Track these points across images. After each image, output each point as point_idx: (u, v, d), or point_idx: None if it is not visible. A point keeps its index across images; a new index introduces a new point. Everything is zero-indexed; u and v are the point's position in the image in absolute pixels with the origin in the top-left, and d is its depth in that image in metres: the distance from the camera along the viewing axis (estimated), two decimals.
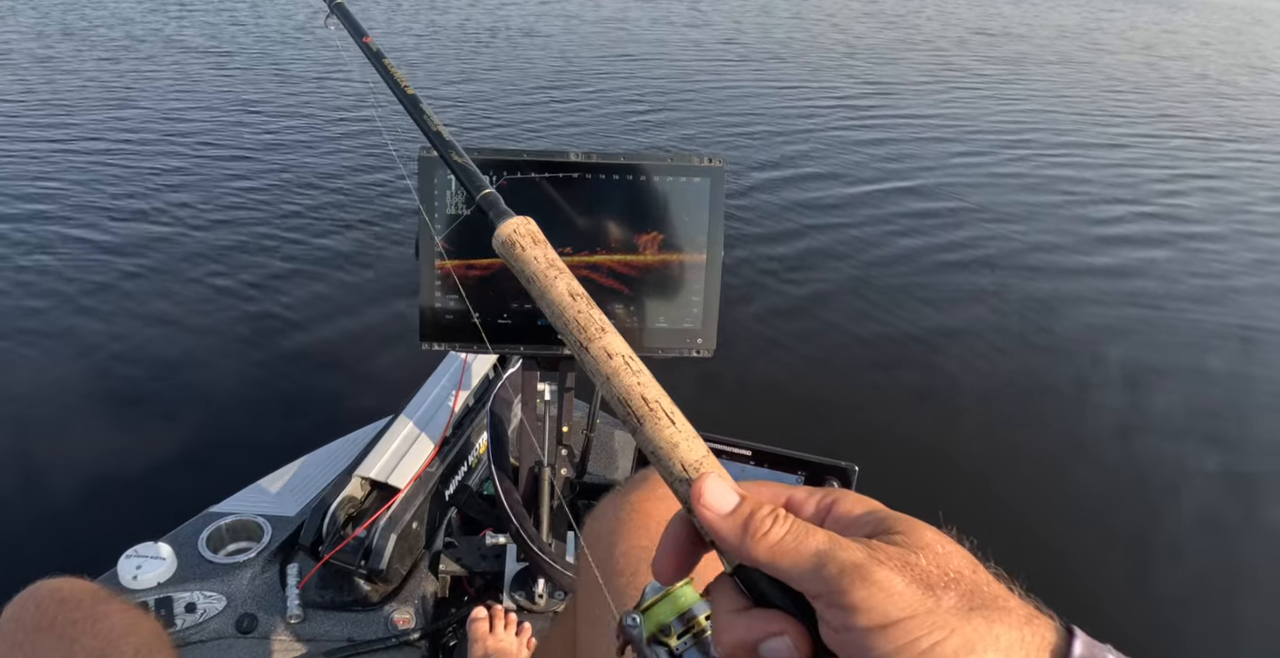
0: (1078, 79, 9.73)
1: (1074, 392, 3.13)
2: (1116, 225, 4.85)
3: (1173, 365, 3.37)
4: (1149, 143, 6.84)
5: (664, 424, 0.42)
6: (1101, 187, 5.53)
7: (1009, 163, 5.94)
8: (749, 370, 2.95)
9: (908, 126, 6.75)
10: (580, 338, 0.45)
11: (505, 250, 0.50)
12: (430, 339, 1.27)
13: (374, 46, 0.91)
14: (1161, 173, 5.98)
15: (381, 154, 5.08)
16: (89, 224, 3.89)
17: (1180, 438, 2.93)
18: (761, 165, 5.37)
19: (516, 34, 9.98)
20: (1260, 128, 7.85)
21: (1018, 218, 4.80)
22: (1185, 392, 3.20)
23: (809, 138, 6.17)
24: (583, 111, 6.44)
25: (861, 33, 12.27)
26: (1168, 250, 4.51)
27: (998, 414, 2.95)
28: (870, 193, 5.00)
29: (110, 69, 6.90)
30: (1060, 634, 0.34)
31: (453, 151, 0.64)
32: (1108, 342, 3.50)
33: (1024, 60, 10.83)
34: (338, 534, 1.51)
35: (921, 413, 2.91)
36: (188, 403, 2.69)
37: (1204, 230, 4.87)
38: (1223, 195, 5.60)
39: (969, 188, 5.29)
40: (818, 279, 3.81)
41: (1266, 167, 6.47)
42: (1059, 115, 7.62)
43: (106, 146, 5.00)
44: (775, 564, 0.37)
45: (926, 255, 4.15)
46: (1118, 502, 2.58)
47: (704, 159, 1.24)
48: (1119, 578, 2.28)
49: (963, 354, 3.30)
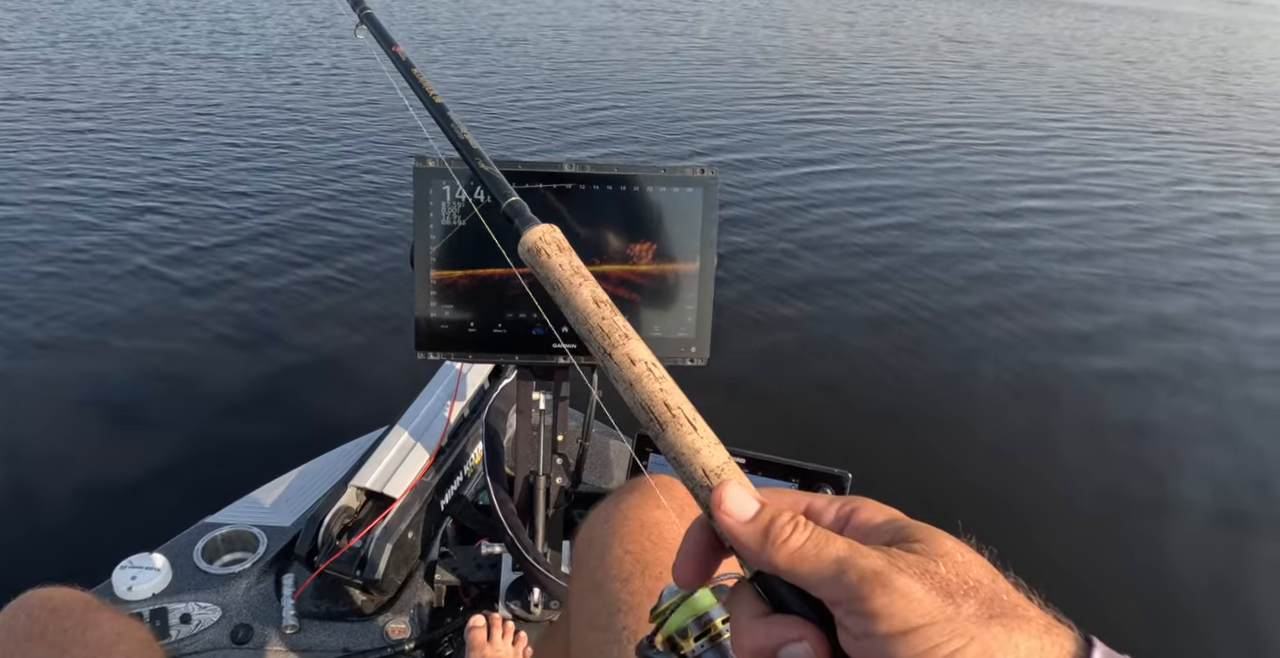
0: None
1: (1073, 397, 3.14)
2: (1123, 226, 4.89)
3: (1172, 366, 3.38)
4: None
5: (686, 430, 0.42)
6: (1131, 193, 5.59)
7: (1008, 167, 5.98)
8: (741, 378, 2.96)
9: (904, 138, 6.79)
10: (604, 344, 0.45)
11: (531, 257, 0.51)
12: (425, 349, 1.28)
13: (403, 56, 0.91)
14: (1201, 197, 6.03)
15: (377, 164, 5.09)
16: (77, 236, 3.88)
17: (1190, 439, 2.93)
18: (754, 174, 5.39)
19: (505, 43, 10.03)
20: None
21: (1016, 227, 4.82)
22: (1188, 390, 3.22)
23: (801, 147, 6.20)
24: (573, 121, 6.46)
25: (842, 40, 12.35)
26: (1153, 242, 4.55)
27: (993, 420, 2.96)
28: (863, 201, 5.03)
29: (118, 77, 6.91)
30: (1079, 644, 0.34)
31: (480, 160, 0.65)
32: (1107, 344, 3.52)
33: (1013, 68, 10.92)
34: (333, 544, 1.51)
35: (914, 420, 2.91)
36: (183, 413, 2.69)
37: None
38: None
39: (968, 200, 5.32)
40: (809, 287, 3.82)
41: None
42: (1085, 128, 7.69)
43: (103, 154, 5.00)
44: (795, 571, 0.37)
45: (920, 265, 4.17)
46: (1126, 508, 2.57)
47: (696, 169, 1.25)
48: (1125, 584, 2.27)
49: (958, 361, 3.31)
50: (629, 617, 0.78)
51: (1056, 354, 3.45)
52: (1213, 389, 3.30)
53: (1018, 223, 4.87)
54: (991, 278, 4.09)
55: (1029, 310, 3.78)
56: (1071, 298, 3.97)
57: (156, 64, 7.57)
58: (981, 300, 3.83)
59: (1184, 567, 2.38)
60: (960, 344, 3.45)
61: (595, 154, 5.67)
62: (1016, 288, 4.00)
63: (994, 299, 3.85)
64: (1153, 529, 2.51)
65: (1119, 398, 3.18)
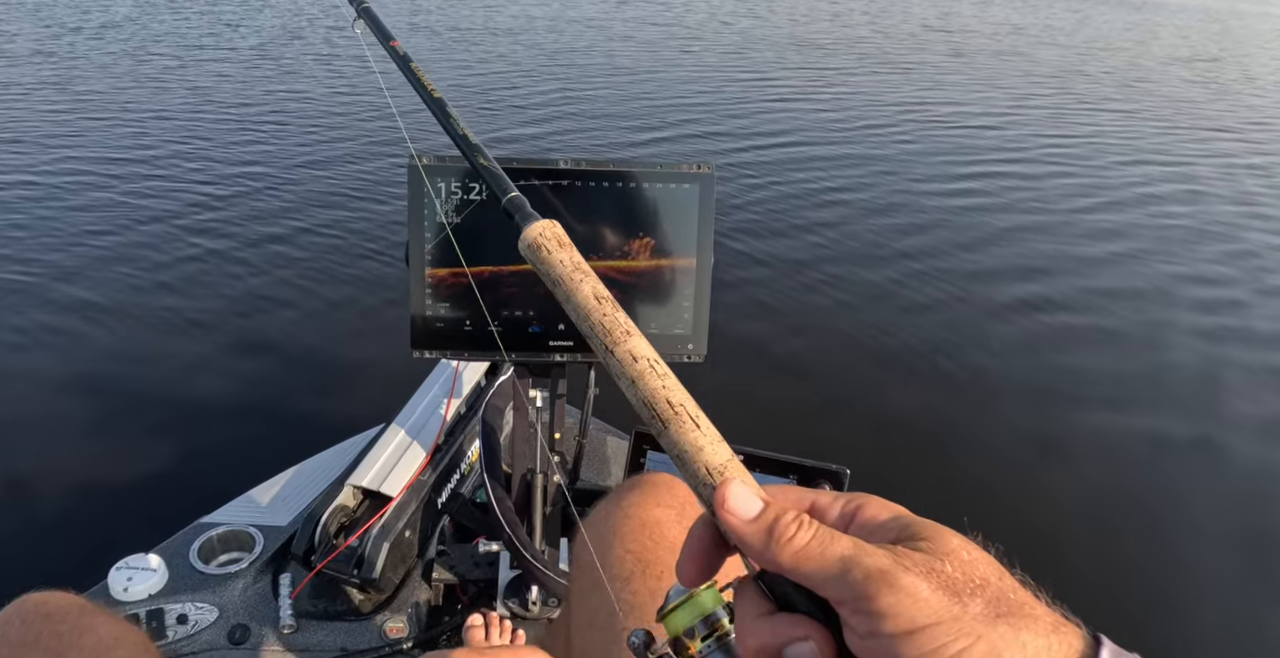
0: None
1: (1070, 394, 3.13)
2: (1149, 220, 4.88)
3: (1185, 357, 3.39)
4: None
5: (689, 428, 0.42)
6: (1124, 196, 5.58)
7: (1010, 164, 5.98)
8: (738, 375, 2.95)
9: (904, 133, 6.78)
10: (606, 341, 0.45)
11: (531, 253, 0.50)
12: (421, 347, 1.28)
13: (401, 50, 0.90)
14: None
15: (373, 159, 5.08)
16: (71, 235, 3.87)
17: (1202, 429, 2.92)
18: (751, 170, 5.39)
19: (502, 33, 9.99)
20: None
21: (1018, 222, 4.82)
22: (1195, 382, 3.23)
23: (800, 141, 6.19)
24: (568, 117, 6.45)
25: (839, 36, 12.34)
26: (1135, 238, 4.55)
27: (990, 416, 2.95)
28: (860, 197, 5.02)
29: (110, 76, 6.87)
30: (1087, 643, 0.34)
31: (479, 155, 0.64)
32: (1104, 340, 3.52)
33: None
34: (330, 544, 1.50)
35: (912, 415, 2.91)
36: (178, 413, 2.68)
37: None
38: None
39: (963, 194, 5.32)
40: (807, 284, 3.82)
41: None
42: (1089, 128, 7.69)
43: (99, 154, 4.98)
44: (800, 570, 0.37)
45: (917, 258, 4.17)
46: (1128, 502, 2.56)
47: (693, 165, 1.25)
48: (1134, 580, 2.25)
49: (955, 356, 3.31)
50: (630, 616, 0.78)
51: (1062, 347, 3.44)
52: (1234, 385, 3.26)
53: (1020, 219, 4.86)
54: (994, 272, 4.08)
55: (1033, 304, 3.76)
56: (1079, 292, 3.95)
57: (151, 55, 7.53)
58: (984, 294, 3.81)
59: (1196, 562, 2.35)
60: (961, 337, 3.44)
61: (591, 150, 5.65)
62: (1021, 281, 3.99)
63: (997, 294, 3.84)
64: (1163, 524, 2.49)
65: (1127, 391, 3.17)
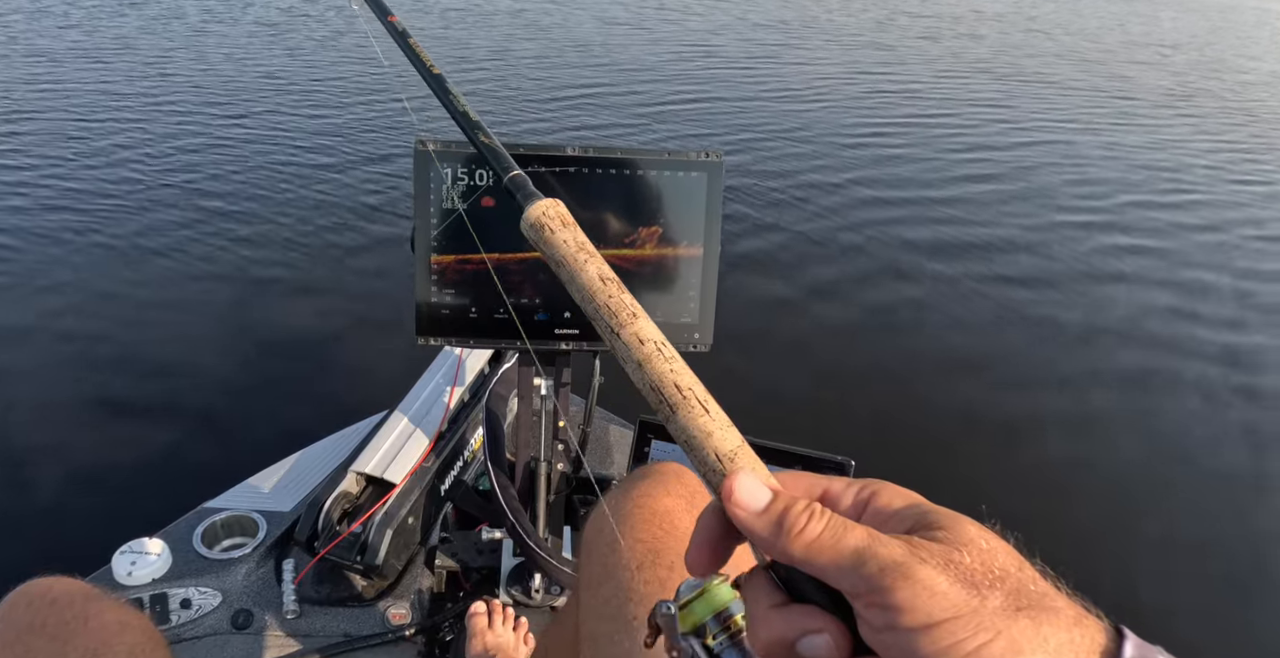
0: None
1: (1077, 383, 3.11)
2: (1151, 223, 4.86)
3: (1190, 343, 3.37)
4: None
5: (698, 413, 0.41)
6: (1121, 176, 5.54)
7: (1014, 160, 5.95)
8: (744, 365, 2.94)
9: (915, 124, 6.73)
10: (611, 323, 0.44)
11: (534, 233, 0.49)
12: (426, 334, 1.27)
13: (399, 26, 0.88)
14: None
15: (377, 143, 5.05)
16: (75, 218, 3.86)
17: (1221, 413, 2.91)
18: (759, 159, 5.36)
19: (504, 14, 9.93)
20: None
21: (1024, 208, 4.79)
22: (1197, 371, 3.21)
23: (809, 132, 6.15)
24: (578, 105, 6.41)
25: (849, 25, 12.25)
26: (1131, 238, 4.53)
27: (995, 405, 2.94)
28: (869, 187, 4.99)
29: (97, 67, 6.85)
30: (1110, 635, 0.33)
31: (480, 132, 0.62)
32: (1108, 326, 3.50)
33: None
34: (333, 530, 1.50)
35: (918, 406, 2.90)
36: (181, 398, 2.68)
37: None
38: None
39: (972, 182, 5.28)
40: (813, 273, 3.80)
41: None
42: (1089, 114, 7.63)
43: (99, 141, 4.97)
44: (812, 562, 0.36)
45: (924, 248, 4.15)
46: (1136, 493, 2.53)
47: (701, 154, 1.24)
48: (1157, 569, 2.23)
49: (961, 346, 3.29)
50: (639, 606, 0.77)
51: (1073, 336, 3.42)
52: (1253, 380, 3.23)
53: (1023, 216, 4.83)
54: (1003, 260, 4.05)
55: (1041, 293, 3.74)
56: (1088, 283, 3.92)
57: (150, 45, 7.50)
58: (998, 284, 3.79)
59: (1226, 552, 2.32)
60: (970, 325, 3.42)
61: (598, 137, 5.63)
62: (1030, 270, 3.96)
63: (1010, 285, 3.81)
64: (1186, 512, 2.46)
65: (1143, 375, 3.15)
